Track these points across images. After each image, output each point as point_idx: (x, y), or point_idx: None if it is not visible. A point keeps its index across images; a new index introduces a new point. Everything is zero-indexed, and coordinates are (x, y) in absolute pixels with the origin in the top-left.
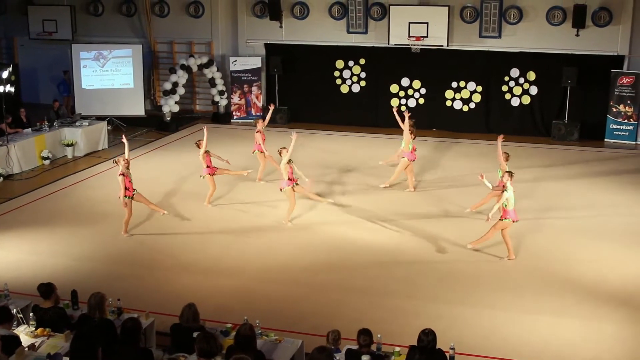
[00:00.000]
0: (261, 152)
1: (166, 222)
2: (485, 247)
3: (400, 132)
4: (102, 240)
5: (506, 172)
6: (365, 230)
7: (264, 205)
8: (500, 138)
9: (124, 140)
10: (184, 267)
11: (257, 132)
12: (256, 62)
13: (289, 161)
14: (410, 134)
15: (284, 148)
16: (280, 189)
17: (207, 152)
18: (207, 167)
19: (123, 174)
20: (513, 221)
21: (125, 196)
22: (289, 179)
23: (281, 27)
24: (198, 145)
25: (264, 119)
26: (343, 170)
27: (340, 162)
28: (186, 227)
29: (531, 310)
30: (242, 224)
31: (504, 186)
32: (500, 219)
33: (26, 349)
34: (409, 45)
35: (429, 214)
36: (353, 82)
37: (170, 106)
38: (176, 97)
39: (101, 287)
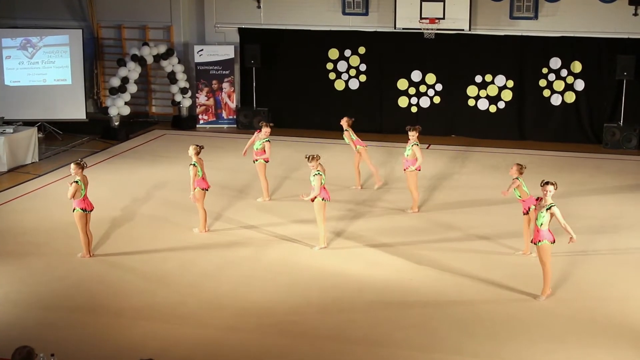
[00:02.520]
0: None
1: (114, 255)
2: (516, 283)
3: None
4: (32, 279)
5: (547, 182)
6: (367, 263)
7: (240, 231)
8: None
9: None
10: (137, 311)
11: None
12: (228, 52)
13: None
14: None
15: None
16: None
17: None
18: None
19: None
20: (551, 242)
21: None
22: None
23: (259, 7)
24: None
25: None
26: (338, 189)
27: (334, 178)
28: (140, 261)
29: None
30: (211, 256)
31: (538, 199)
32: (534, 242)
33: None
34: (420, 29)
35: (445, 243)
36: (350, 77)
37: (118, 108)
38: (126, 97)
39: (30, 339)
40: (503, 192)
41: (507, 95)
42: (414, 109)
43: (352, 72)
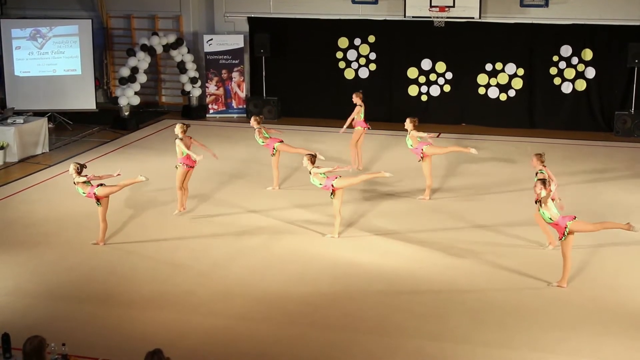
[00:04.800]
0: None
1: (125, 245)
2: (528, 271)
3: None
4: (42, 269)
5: (539, 179)
6: (378, 252)
7: (250, 218)
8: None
9: None
10: (147, 301)
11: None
12: (237, 41)
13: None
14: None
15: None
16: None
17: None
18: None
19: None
20: (574, 219)
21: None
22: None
23: None
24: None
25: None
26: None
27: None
28: (151, 250)
29: (589, 353)
30: (222, 245)
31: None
32: (560, 239)
33: None
34: (430, 17)
35: (456, 231)
36: (360, 66)
37: (128, 98)
38: (136, 87)
39: (41, 330)
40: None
41: (517, 83)
42: (424, 98)
43: (362, 60)
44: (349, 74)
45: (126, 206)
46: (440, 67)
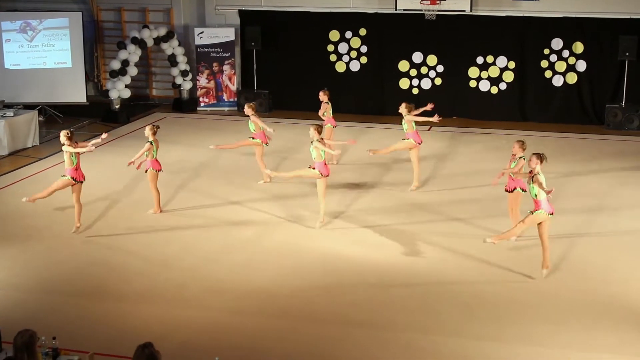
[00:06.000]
0: None
1: (115, 238)
2: (519, 265)
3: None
4: (33, 263)
5: (534, 154)
6: (369, 245)
7: (242, 211)
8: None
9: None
10: (138, 294)
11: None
12: (228, 34)
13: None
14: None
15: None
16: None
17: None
18: None
19: None
20: (549, 214)
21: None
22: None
23: None
24: None
25: None
26: (339, 171)
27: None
28: (141, 244)
29: (580, 346)
30: (213, 238)
31: (531, 173)
32: (530, 212)
33: None
34: (422, 10)
35: (447, 223)
36: (351, 59)
37: (119, 91)
38: (127, 80)
39: (31, 323)
40: (514, 175)
41: (508, 76)
42: (415, 91)
43: (353, 54)
44: (340, 67)
45: (116, 200)
46: (432, 60)
